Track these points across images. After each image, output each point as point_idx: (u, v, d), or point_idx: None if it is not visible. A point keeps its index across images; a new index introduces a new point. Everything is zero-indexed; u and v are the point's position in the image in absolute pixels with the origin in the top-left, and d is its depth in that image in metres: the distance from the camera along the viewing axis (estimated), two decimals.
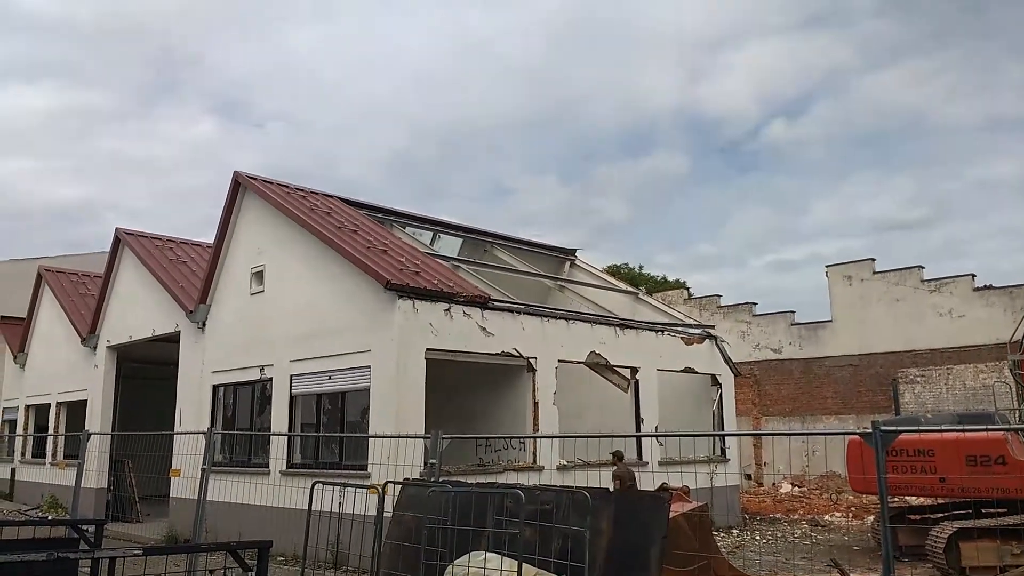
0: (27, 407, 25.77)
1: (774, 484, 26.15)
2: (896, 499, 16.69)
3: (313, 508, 9.13)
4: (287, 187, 16.66)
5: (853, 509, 20.01)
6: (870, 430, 5.80)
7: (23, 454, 25.24)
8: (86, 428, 17.48)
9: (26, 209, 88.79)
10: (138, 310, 19.55)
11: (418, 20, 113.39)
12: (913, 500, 16.82)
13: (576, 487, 7.88)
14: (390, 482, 8.78)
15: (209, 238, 18.17)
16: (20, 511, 20.51)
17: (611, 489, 11.96)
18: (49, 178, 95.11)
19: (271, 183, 16.50)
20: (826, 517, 19.27)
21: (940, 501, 14.00)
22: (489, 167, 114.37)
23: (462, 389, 14.83)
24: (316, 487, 9.32)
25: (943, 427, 13.34)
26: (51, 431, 23.31)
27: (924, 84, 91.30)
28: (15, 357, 26.51)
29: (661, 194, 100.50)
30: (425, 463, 8.97)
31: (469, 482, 9.07)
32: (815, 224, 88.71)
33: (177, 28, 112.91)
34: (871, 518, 16.77)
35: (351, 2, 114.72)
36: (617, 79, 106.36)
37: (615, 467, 13.19)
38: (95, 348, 21.25)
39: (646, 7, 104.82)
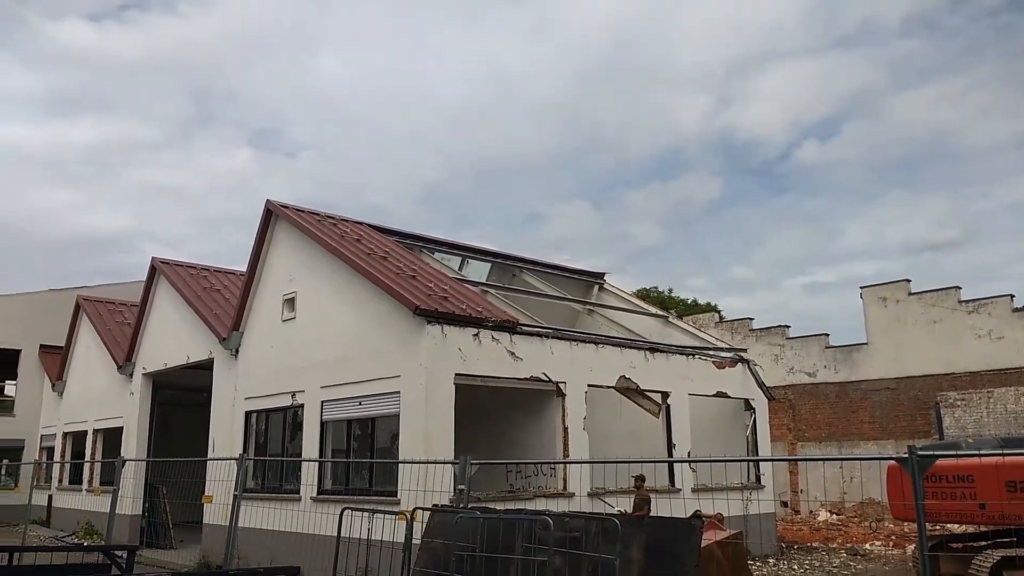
0: (64, 434, 26.22)
1: (811, 512, 25.59)
2: (938, 527, 16.23)
3: (343, 534, 9.12)
4: (318, 215, 16.87)
5: (894, 538, 19.49)
6: (906, 455, 5.68)
7: (60, 480, 25.62)
8: (121, 454, 17.72)
9: (68, 240, 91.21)
10: (173, 337, 19.84)
11: (450, 55, 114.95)
12: (956, 528, 16.35)
13: (606, 514, 7.79)
14: (419, 508, 8.76)
15: (243, 266, 18.44)
16: (56, 537, 20.75)
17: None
18: (91, 209, 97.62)
19: (302, 211, 16.72)
20: (866, 546, 18.78)
21: (982, 528, 13.60)
22: (520, 194, 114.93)
23: (491, 414, 14.78)
24: (346, 513, 9.32)
25: (981, 452, 12.97)
26: (87, 457, 23.65)
27: (954, 104, 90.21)
28: (53, 385, 27.03)
29: (693, 217, 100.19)
30: (454, 489, 8.92)
31: (498, 508, 9.00)
32: (848, 246, 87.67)
33: (215, 61, 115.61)
34: (912, 547, 16.31)
35: (385, 39, 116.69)
36: (649, 105, 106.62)
37: (636, 492, 13.06)
38: (131, 375, 21.58)
39: (675, 33, 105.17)
